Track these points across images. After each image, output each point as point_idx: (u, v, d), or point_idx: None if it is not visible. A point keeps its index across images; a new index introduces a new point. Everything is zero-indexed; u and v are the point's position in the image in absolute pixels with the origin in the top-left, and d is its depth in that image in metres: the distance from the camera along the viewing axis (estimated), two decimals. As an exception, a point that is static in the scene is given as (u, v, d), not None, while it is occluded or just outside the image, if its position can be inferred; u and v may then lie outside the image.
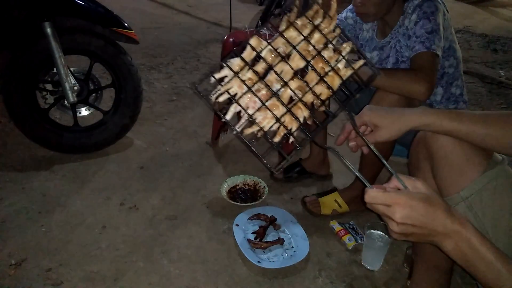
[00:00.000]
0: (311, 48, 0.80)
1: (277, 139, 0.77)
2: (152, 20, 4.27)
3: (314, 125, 0.80)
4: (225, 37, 2.19)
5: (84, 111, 1.96)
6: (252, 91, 0.77)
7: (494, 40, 4.32)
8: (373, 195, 0.66)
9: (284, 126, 0.77)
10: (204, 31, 4.10)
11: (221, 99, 0.77)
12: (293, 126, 0.78)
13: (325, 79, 0.79)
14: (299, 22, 0.82)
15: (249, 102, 0.77)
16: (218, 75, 0.78)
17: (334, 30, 0.83)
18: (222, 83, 0.78)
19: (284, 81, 0.78)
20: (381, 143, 0.91)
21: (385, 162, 0.79)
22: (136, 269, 1.34)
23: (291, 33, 0.81)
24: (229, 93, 0.77)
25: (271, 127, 0.77)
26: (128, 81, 1.87)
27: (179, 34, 3.91)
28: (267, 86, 0.77)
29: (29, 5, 1.61)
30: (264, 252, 1.41)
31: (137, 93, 1.91)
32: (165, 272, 1.33)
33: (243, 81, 0.77)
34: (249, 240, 1.43)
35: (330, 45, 0.81)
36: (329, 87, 0.79)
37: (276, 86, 0.78)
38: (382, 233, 1.39)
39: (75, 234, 1.47)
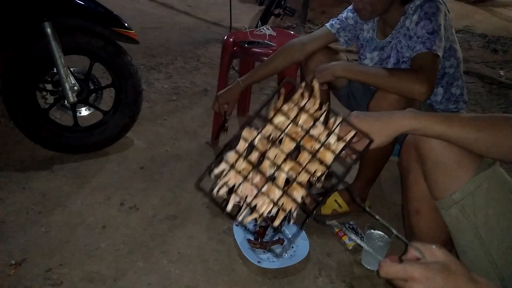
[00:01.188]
0: (300, 129, 0.83)
1: (277, 222, 0.78)
2: (152, 20, 4.27)
3: (313, 202, 0.80)
4: (225, 37, 2.19)
5: (84, 111, 1.96)
6: (248, 180, 0.79)
7: (494, 40, 4.32)
8: (387, 269, 0.63)
9: (283, 209, 0.78)
10: (204, 31, 4.10)
11: (221, 192, 0.79)
12: (292, 207, 0.78)
13: (317, 156, 0.80)
14: (285, 107, 0.84)
15: (247, 191, 0.79)
16: (217, 170, 0.81)
17: (320, 108, 0.85)
18: (221, 177, 0.80)
19: (277, 165, 0.79)
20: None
21: (396, 232, 0.76)
22: (136, 269, 1.34)
23: (279, 119, 0.83)
24: (227, 185, 0.79)
25: (270, 211, 0.79)
26: (128, 81, 1.87)
27: (179, 34, 3.91)
28: (261, 172, 0.79)
29: (29, 5, 1.61)
30: (264, 252, 1.41)
31: (137, 93, 1.91)
32: (165, 272, 1.33)
33: (239, 172, 0.79)
34: (249, 240, 1.43)
35: (318, 123, 0.83)
36: (322, 163, 0.80)
37: (271, 171, 0.80)
38: (382, 233, 1.39)
39: (75, 234, 1.47)
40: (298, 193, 0.79)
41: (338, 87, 1.72)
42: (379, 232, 1.39)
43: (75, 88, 1.77)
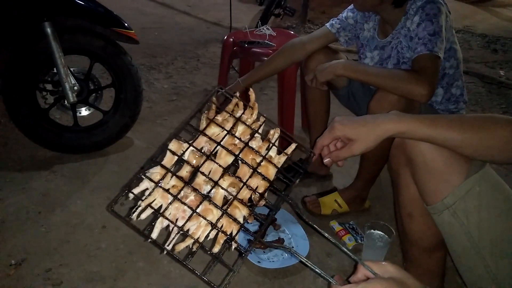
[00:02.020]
0: (237, 141, 0.75)
1: (217, 248, 0.68)
2: (152, 20, 4.27)
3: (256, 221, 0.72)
4: (225, 37, 2.19)
5: (84, 111, 1.96)
6: (179, 199, 0.68)
7: (494, 40, 4.32)
8: None
9: (223, 232, 0.68)
10: (204, 31, 4.10)
11: (143, 216, 0.69)
12: (233, 229, 0.69)
13: (258, 171, 0.72)
14: (219, 118, 0.77)
15: (178, 213, 0.68)
16: (137, 190, 0.70)
17: (258, 119, 0.79)
18: (143, 197, 0.70)
19: (213, 181, 0.70)
20: (379, 144, 0.88)
21: (346, 250, 0.74)
22: (136, 269, 1.34)
23: (213, 130, 0.75)
24: (152, 207, 0.69)
25: (208, 235, 0.68)
26: (128, 81, 1.87)
27: (179, 34, 3.91)
28: (195, 190, 0.69)
29: (29, 5, 1.61)
30: (264, 252, 1.41)
31: (137, 93, 1.91)
32: (165, 272, 1.33)
33: (167, 190, 0.69)
34: (249, 240, 1.43)
35: (257, 135, 0.76)
36: (264, 178, 0.73)
37: (206, 188, 0.70)
38: (382, 233, 1.39)
39: (75, 234, 1.47)
40: (240, 213, 0.69)
41: (338, 87, 1.72)
42: (379, 232, 1.39)
43: (75, 88, 1.77)
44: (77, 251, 1.39)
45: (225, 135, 0.75)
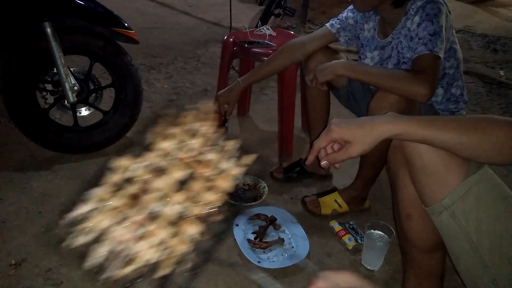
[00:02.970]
0: (192, 154, 0.71)
1: (167, 270, 0.63)
2: (152, 20, 4.27)
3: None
4: (225, 37, 2.19)
5: (84, 111, 1.96)
6: (125, 220, 0.64)
7: (494, 40, 4.31)
8: None
9: (174, 252, 0.64)
10: (204, 31, 4.10)
11: (82, 240, 0.65)
12: (188, 247, 0.65)
13: (213, 184, 0.69)
14: (174, 131, 0.73)
15: (124, 234, 0.63)
16: (77, 212, 0.66)
17: (215, 131, 0.76)
18: (84, 220, 0.65)
19: (165, 197, 0.66)
20: (378, 145, 0.87)
21: (306, 265, 0.71)
22: (136, 269, 1.33)
23: (165, 144, 0.72)
24: (94, 232, 0.65)
25: (158, 256, 0.63)
26: (128, 81, 1.87)
27: (179, 34, 3.91)
28: (143, 208, 0.64)
29: (29, 5, 1.61)
30: (264, 252, 1.41)
31: (137, 93, 1.91)
32: (165, 272, 1.33)
33: (110, 211, 0.64)
34: (249, 240, 1.43)
35: (214, 147, 0.74)
36: (220, 191, 0.70)
37: (158, 205, 0.66)
38: (382, 233, 1.39)
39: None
40: (194, 229, 0.66)
41: (338, 87, 1.72)
42: (379, 232, 1.39)
43: (75, 88, 1.77)
44: (77, 251, 1.39)
45: (179, 149, 0.72)
